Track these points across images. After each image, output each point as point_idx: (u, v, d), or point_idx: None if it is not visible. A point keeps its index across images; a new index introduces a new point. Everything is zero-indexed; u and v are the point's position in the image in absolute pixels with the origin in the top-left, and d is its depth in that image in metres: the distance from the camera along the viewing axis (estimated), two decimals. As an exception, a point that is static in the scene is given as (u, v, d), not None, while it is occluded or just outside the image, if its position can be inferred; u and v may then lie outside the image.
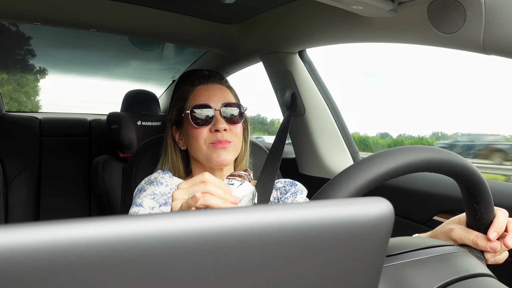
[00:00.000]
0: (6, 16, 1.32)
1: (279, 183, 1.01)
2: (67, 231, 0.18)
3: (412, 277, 0.43)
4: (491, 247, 0.54)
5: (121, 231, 0.19)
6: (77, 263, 0.18)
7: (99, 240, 0.18)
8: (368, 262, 0.27)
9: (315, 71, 1.54)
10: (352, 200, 0.27)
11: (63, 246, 0.18)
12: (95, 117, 2.34)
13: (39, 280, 0.17)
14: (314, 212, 0.24)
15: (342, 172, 0.43)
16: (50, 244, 0.17)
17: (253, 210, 0.23)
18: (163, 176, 0.91)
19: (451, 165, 0.46)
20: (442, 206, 1.08)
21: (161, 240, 0.20)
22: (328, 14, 1.14)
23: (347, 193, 0.40)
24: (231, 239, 0.21)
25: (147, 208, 0.83)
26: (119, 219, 0.19)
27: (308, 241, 0.24)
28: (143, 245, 0.19)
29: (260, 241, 0.22)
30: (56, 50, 2.24)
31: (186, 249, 0.20)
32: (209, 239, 0.21)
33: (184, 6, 1.43)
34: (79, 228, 0.18)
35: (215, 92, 0.92)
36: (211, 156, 0.88)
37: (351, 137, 1.58)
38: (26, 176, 1.93)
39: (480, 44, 0.78)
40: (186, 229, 0.20)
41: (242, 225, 0.22)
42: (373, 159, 0.43)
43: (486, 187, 0.51)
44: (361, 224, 0.26)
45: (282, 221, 0.23)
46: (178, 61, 2.42)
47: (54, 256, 0.18)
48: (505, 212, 0.57)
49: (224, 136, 0.88)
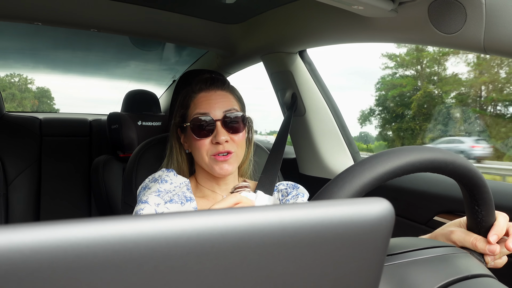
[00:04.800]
0: (6, 16, 1.32)
1: (282, 185, 1.00)
2: (68, 232, 0.18)
3: (414, 276, 0.43)
4: (491, 250, 0.54)
5: (121, 232, 0.19)
6: (77, 264, 0.18)
7: (100, 241, 0.18)
8: (368, 262, 0.27)
9: (316, 71, 1.54)
10: (352, 201, 0.27)
11: (63, 246, 0.18)
12: (96, 117, 2.34)
13: (39, 280, 0.17)
14: (315, 213, 0.24)
15: (347, 170, 0.43)
16: (50, 245, 0.17)
17: (253, 210, 0.23)
18: (167, 174, 0.91)
19: (454, 166, 0.46)
20: (442, 206, 1.08)
21: (162, 240, 0.20)
22: (328, 14, 1.14)
23: (351, 190, 0.40)
24: (232, 239, 0.21)
25: (153, 204, 0.83)
26: (120, 219, 0.19)
27: (309, 241, 0.24)
28: (143, 245, 0.19)
29: (261, 242, 0.22)
30: (56, 51, 2.24)
31: (186, 249, 0.20)
32: (210, 239, 0.21)
33: (185, 6, 1.43)
34: (80, 228, 0.18)
35: (216, 99, 0.91)
36: (214, 168, 0.88)
37: (352, 137, 1.58)
38: (26, 176, 1.93)
39: (480, 44, 0.78)
40: (187, 229, 0.20)
41: (243, 225, 0.22)
42: (378, 157, 0.43)
43: (488, 190, 0.51)
44: (362, 224, 0.26)
45: (282, 222, 0.23)
46: (178, 61, 2.42)
47: (54, 256, 0.18)
48: (505, 216, 0.57)
49: (225, 147, 0.87)
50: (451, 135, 14.77)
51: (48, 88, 6.36)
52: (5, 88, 8.05)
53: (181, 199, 0.87)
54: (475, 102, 16.65)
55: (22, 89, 8.81)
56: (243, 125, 0.91)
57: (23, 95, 8.68)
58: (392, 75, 19.45)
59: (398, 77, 19.17)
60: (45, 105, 12.01)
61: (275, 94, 1.65)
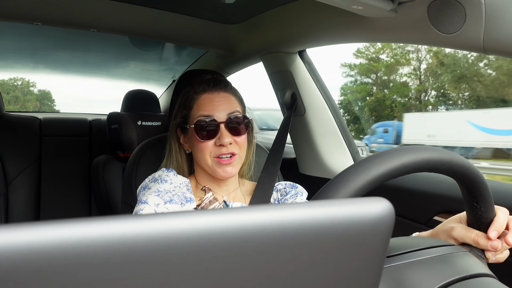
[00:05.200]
0: (6, 16, 1.32)
1: (280, 185, 1.00)
2: (68, 231, 0.18)
3: (413, 278, 0.43)
4: (492, 246, 0.54)
5: (121, 231, 0.19)
6: (77, 263, 0.18)
7: (100, 240, 0.18)
8: (368, 262, 0.27)
9: (315, 71, 1.54)
10: (352, 200, 0.27)
11: (63, 246, 0.18)
12: (96, 117, 2.34)
13: (39, 280, 0.17)
14: (315, 212, 0.24)
15: (341, 174, 0.42)
16: (50, 244, 0.17)
17: (254, 210, 0.23)
18: (167, 174, 0.91)
19: (450, 165, 0.46)
20: (442, 206, 1.08)
21: (162, 240, 0.20)
22: (328, 14, 1.14)
23: (345, 195, 0.40)
24: (232, 239, 0.21)
25: (152, 205, 0.83)
26: (120, 219, 0.19)
27: (309, 241, 0.24)
28: (143, 245, 0.19)
29: (260, 241, 0.22)
30: (56, 51, 2.24)
31: (187, 249, 0.20)
32: (210, 239, 0.21)
33: (184, 6, 1.43)
34: (80, 228, 0.18)
35: (220, 101, 0.91)
36: (217, 171, 0.88)
37: (351, 137, 1.58)
38: (26, 176, 1.93)
39: (480, 44, 0.78)
40: (187, 229, 0.20)
41: (243, 225, 0.22)
42: (372, 160, 0.43)
43: (486, 186, 0.51)
44: (362, 224, 0.26)
45: (282, 221, 0.23)
46: (178, 61, 2.42)
47: (54, 256, 0.18)
48: (505, 211, 0.57)
49: (229, 149, 0.88)
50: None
51: (48, 91, 6.66)
52: (9, 91, 8.60)
53: (181, 200, 0.87)
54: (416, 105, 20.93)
55: (24, 91, 9.26)
56: (245, 126, 0.92)
57: (26, 97, 9.12)
58: (354, 82, 23.22)
59: (357, 84, 22.95)
60: (46, 106, 12.26)
61: (275, 94, 1.65)
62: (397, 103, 21.16)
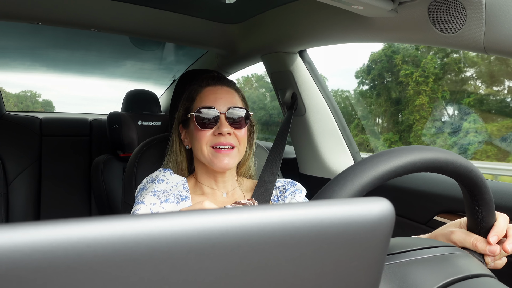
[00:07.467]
0: (6, 16, 1.32)
1: (279, 182, 1.01)
2: (68, 231, 0.18)
3: (414, 276, 0.43)
4: (491, 251, 0.54)
5: (121, 231, 0.19)
6: (77, 263, 0.18)
7: (100, 240, 0.18)
8: (369, 262, 0.27)
9: (316, 71, 1.54)
10: (353, 200, 0.27)
11: (64, 245, 0.18)
12: (96, 116, 2.34)
13: (39, 280, 0.17)
14: (315, 212, 0.24)
15: (348, 169, 0.42)
16: (51, 244, 0.17)
17: (254, 210, 0.23)
18: (164, 174, 0.92)
19: (455, 166, 0.46)
20: (442, 206, 1.08)
21: (162, 239, 0.20)
22: (328, 14, 1.14)
23: (352, 189, 0.40)
24: (232, 239, 0.21)
25: (148, 204, 0.84)
26: (120, 218, 0.19)
27: (309, 241, 0.24)
28: (143, 244, 0.19)
29: (261, 241, 0.22)
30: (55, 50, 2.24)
31: (187, 248, 0.20)
32: (210, 238, 0.21)
33: (185, 6, 1.43)
34: (80, 227, 0.18)
35: (222, 95, 0.92)
36: (213, 160, 0.88)
37: (352, 137, 1.58)
38: (26, 175, 1.93)
39: (480, 44, 0.78)
40: (187, 228, 0.20)
41: (243, 225, 0.22)
42: (379, 157, 0.43)
43: (488, 191, 0.51)
44: (362, 224, 0.26)
45: (283, 221, 0.23)
46: (178, 61, 2.42)
47: (55, 256, 0.17)
48: (506, 217, 0.57)
49: (227, 139, 0.88)
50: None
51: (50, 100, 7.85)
52: (22, 101, 11.03)
53: (176, 198, 0.87)
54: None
55: (33, 101, 11.17)
56: (246, 122, 0.93)
57: (34, 106, 11.02)
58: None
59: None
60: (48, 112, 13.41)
61: (275, 93, 1.65)
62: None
